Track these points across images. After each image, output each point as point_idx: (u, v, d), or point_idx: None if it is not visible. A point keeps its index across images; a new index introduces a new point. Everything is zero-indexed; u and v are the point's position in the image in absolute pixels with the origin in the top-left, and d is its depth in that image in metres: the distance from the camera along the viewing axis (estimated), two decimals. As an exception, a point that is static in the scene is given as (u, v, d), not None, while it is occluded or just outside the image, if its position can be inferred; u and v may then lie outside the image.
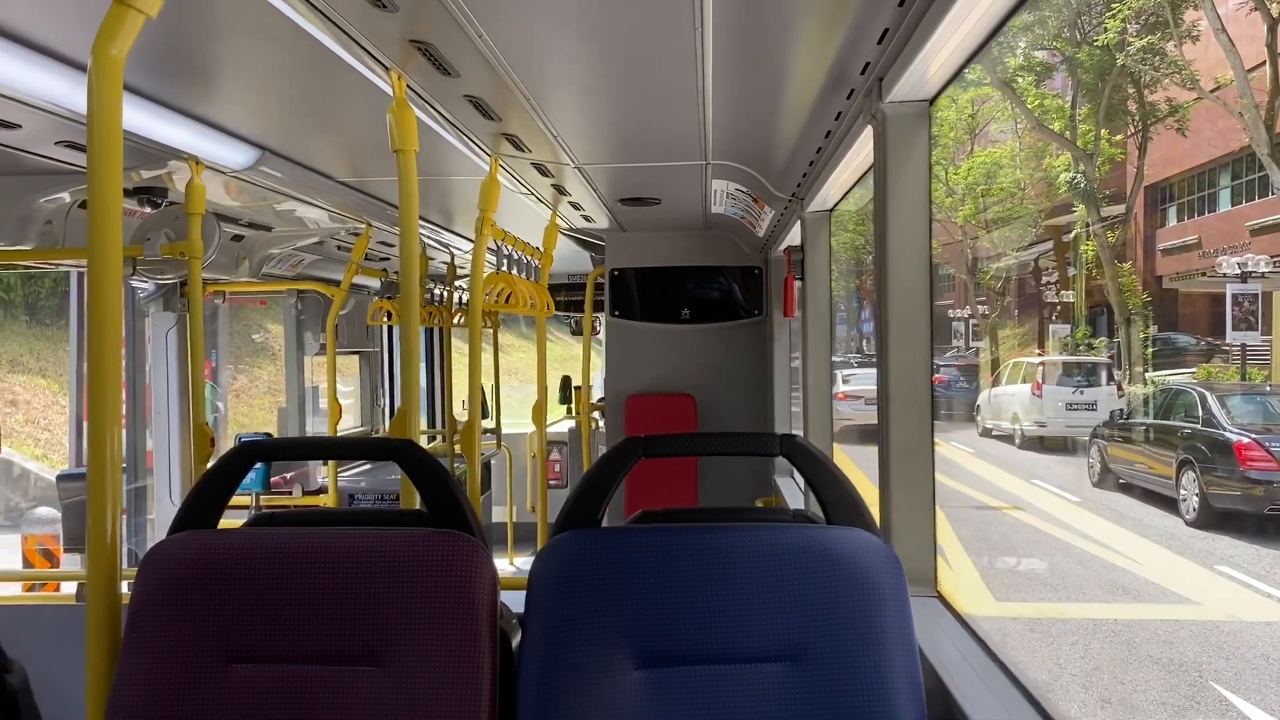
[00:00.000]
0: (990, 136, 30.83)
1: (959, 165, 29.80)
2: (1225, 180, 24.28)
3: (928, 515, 2.42)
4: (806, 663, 1.70)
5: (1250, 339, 20.15)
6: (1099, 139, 24.86)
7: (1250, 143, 20.10)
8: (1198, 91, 22.30)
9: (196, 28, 2.21)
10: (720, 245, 5.82)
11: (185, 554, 1.81)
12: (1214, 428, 13.10)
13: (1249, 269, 20.49)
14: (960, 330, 31.93)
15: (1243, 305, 20.37)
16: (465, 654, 1.72)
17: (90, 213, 1.72)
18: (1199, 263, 24.28)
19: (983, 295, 31.11)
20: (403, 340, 2.63)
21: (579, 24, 2.19)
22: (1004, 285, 30.66)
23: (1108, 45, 23.22)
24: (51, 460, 14.69)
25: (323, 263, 5.88)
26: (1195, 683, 7.95)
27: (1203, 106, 23.03)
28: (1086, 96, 25.01)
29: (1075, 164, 25.19)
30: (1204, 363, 22.19)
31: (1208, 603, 9.71)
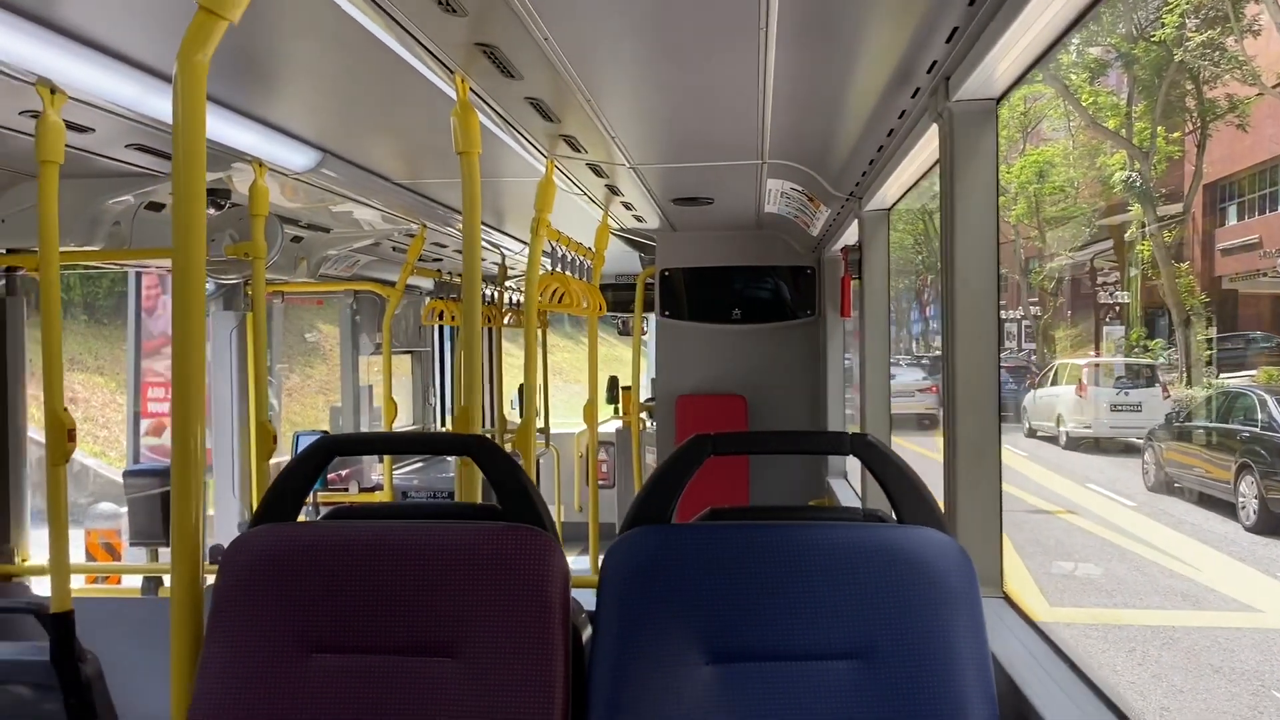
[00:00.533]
0: (1042, 134, 30.39)
1: (1011, 164, 29.41)
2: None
3: (995, 516, 2.39)
4: (877, 661, 1.70)
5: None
6: (1155, 136, 24.38)
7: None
8: (1259, 87, 21.78)
9: (265, 32, 2.25)
10: (772, 245, 5.79)
11: (266, 546, 1.85)
12: (1275, 431, 12.76)
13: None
14: (1012, 331, 31.50)
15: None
16: (539, 646, 1.74)
17: (175, 214, 1.75)
18: (1260, 263, 23.71)
19: (1035, 296, 30.67)
20: (464, 340, 2.65)
21: (643, 25, 2.19)
22: (1057, 286, 30.21)
23: (1165, 40, 22.76)
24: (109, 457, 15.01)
25: (378, 263, 5.95)
26: (1257, 691, 7.77)
27: (1264, 102, 22.50)
28: (1143, 93, 24.55)
29: (1131, 162, 24.73)
30: (1269, 365, 21.52)
31: (1270, 610, 9.44)
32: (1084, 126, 26.52)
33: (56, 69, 2.34)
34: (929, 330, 35.14)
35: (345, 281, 5.96)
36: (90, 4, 2.09)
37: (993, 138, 2.37)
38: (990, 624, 2.14)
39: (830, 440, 1.93)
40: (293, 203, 4.25)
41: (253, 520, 1.95)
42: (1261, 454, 12.57)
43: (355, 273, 5.87)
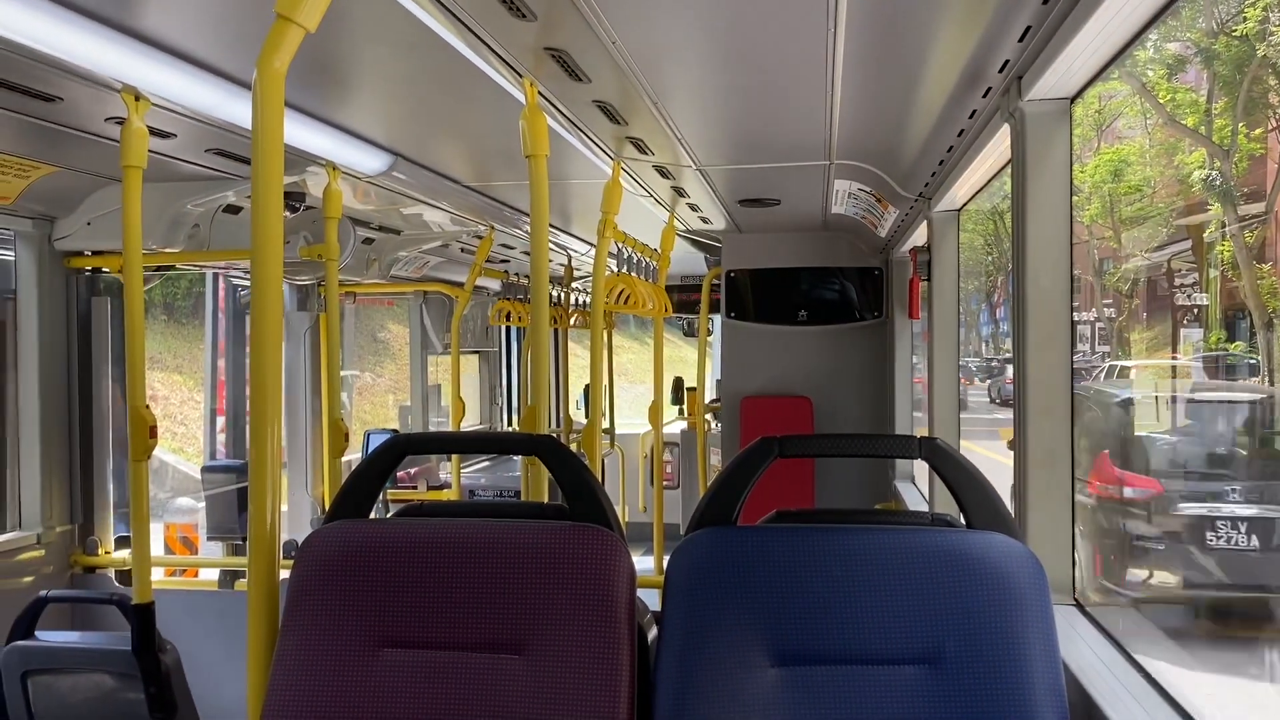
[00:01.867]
0: (1117, 133, 29.67)
1: (1085, 163, 28.75)
2: None
3: (1066, 522, 2.35)
4: (945, 667, 1.68)
5: None
6: (1236, 134, 23.65)
7: None
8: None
9: (339, 39, 2.30)
10: (838, 246, 5.75)
11: (341, 541, 1.89)
12: None
13: None
14: (1085, 334, 30.81)
15: None
16: (605, 645, 1.75)
17: (253, 219, 1.80)
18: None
19: (1109, 298, 29.93)
20: (533, 341, 2.68)
21: (711, 27, 2.19)
22: (1132, 288, 29.46)
23: (1247, 35, 22.06)
24: (187, 453, 15.42)
25: (446, 265, 6.03)
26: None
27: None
28: (1223, 89, 23.82)
29: (1210, 160, 24.02)
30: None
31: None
32: (1161, 124, 25.82)
33: (141, 77, 2.42)
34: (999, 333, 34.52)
35: (415, 283, 6.06)
36: (174, 14, 2.15)
37: (1066, 138, 2.33)
38: (1062, 632, 2.11)
39: (899, 444, 1.91)
40: (364, 205, 4.33)
41: (326, 516, 2.00)
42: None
43: (425, 274, 5.96)
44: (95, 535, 4.17)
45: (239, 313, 6.41)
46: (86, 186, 3.70)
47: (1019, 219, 2.36)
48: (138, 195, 2.71)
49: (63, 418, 4.07)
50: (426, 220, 4.85)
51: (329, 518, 1.99)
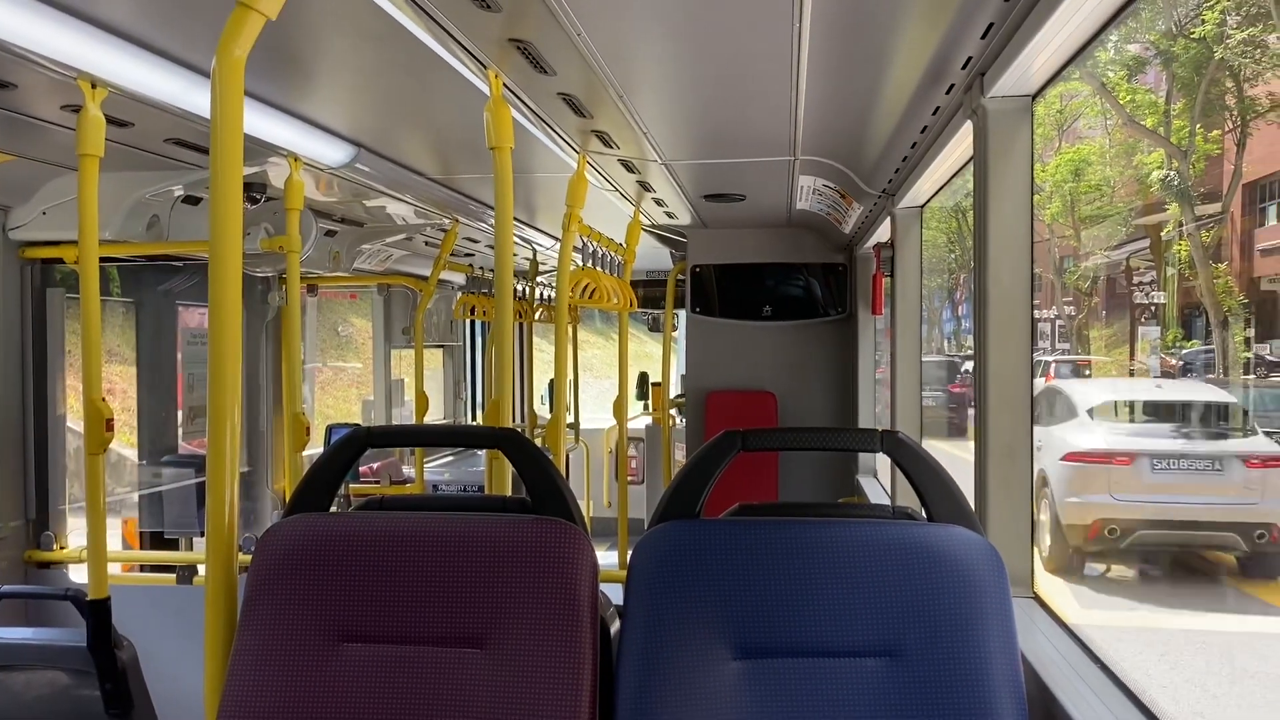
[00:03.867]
0: (1078, 133, 30.04)
1: (1046, 162, 29.09)
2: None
3: (1025, 515, 2.38)
4: (906, 659, 1.70)
5: None
6: (1194, 135, 24.04)
7: None
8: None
9: (301, 27, 2.27)
10: (803, 242, 5.77)
11: (299, 535, 1.88)
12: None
13: None
14: (1045, 331, 31.20)
15: None
16: (567, 638, 1.75)
17: (211, 209, 1.78)
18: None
19: (1069, 296, 30.33)
20: (495, 334, 2.67)
21: (677, 21, 2.19)
22: (1092, 285, 29.86)
23: (1205, 38, 22.43)
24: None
25: (410, 258, 5.98)
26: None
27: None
28: (1182, 91, 24.20)
29: (1169, 161, 24.41)
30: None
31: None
32: (1121, 125, 26.20)
33: (98, 64, 2.38)
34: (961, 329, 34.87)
35: (378, 276, 6.01)
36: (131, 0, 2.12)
37: (1028, 135, 2.35)
38: (1021, 624, 2.13)
39: (862, 437, 1.92)
40: (327, 197, 4.29)
41: (285, 510, 1.98)
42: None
43: (388, 267, 5.91)
44: (50, 530, 4.10)
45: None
46: (42, 175, 3.63)
47: (980, 216, 2.39)
48: (94, 185, 2.66)
49: (16, 411, 3.99)
50: (390, 213, 4.81)
51: (288, 511, 1.97)
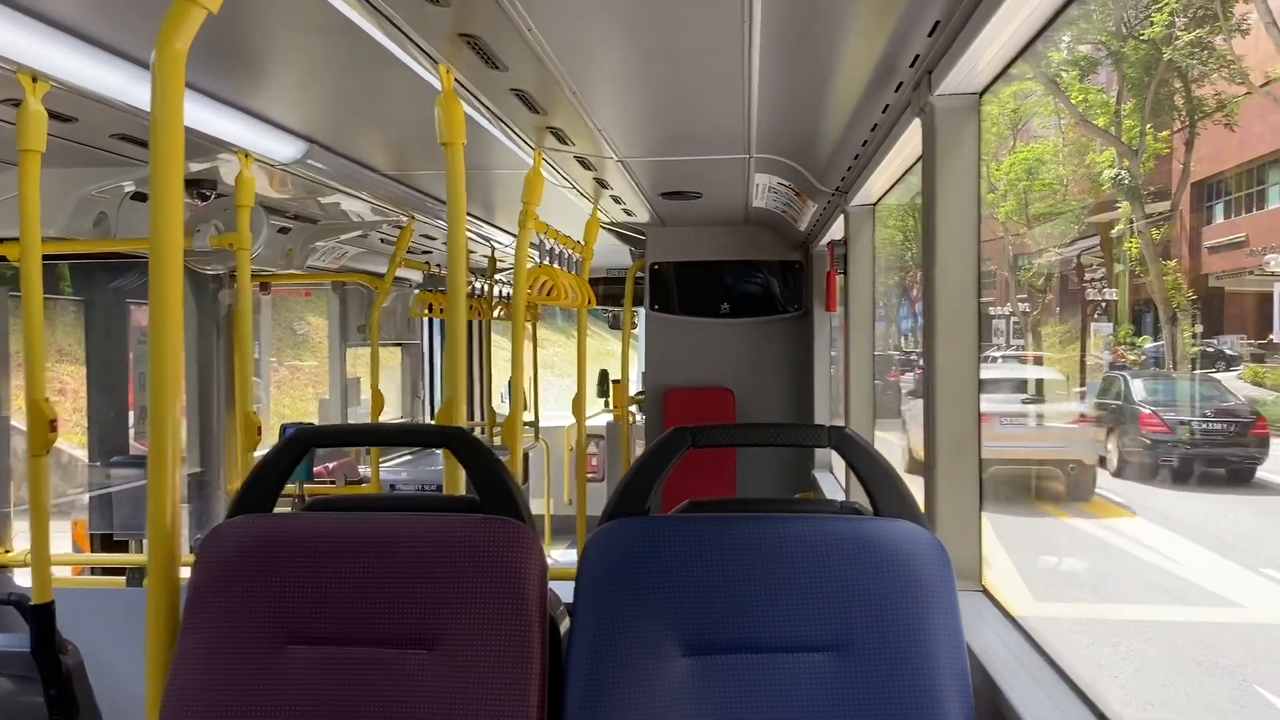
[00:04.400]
0: (1033, 132, 30.45)
1: (1001, 161, 29.46)
2: (1275, 177, 23.80)
3: (974, 509, 2.41)
4: (852, 653, 1.71)
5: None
6: (1144, 134, 24.49)
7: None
8: (1248, 86, 21.89)
9: (250, 22, 2.24)
10: (761, 239, 5.80)
11: (243, 537, 1.85)
12: (1130, 402, 16.93)
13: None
14: (1001, 328, 31.61)
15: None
16: (516, 638, 1.74)
17: (152, 205, 1.75)
18: (1247, 261, 23.84)
19: (1024, 292, 30.73)
20: (449, 334, 2.65)
21: (627, 18, 2.19)
22: (1046, 282, 30.30)
23: (1154, 39, 22.86)
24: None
25: (366, 255, 5.93)
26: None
27: (1252, 102, 22.60)
28: (1132, 91, 24.64)
29: (1120, 160, 24.84)
30: (1255, 361, 22.28)
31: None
32: (1074, 124, 26.62)
33: (38, 57, 2.33)
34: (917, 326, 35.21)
35: (333, 273, 5.95)
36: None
37: (974, 133, 2.38)
38: (968, 617, 2.16)
39: (810, 433, 1.94)
40: (280, 194, 4.24)
41: (229, 511, 1.96)
42: (1120, 420, 16.64)
43: (344, 264, 5.85)
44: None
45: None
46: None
47: (929, 212, 2.41)
48: (36, 180, 2.61)
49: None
50: (345, 209, 4.76)
51: (231, 513, 1.95)
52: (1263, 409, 17.30)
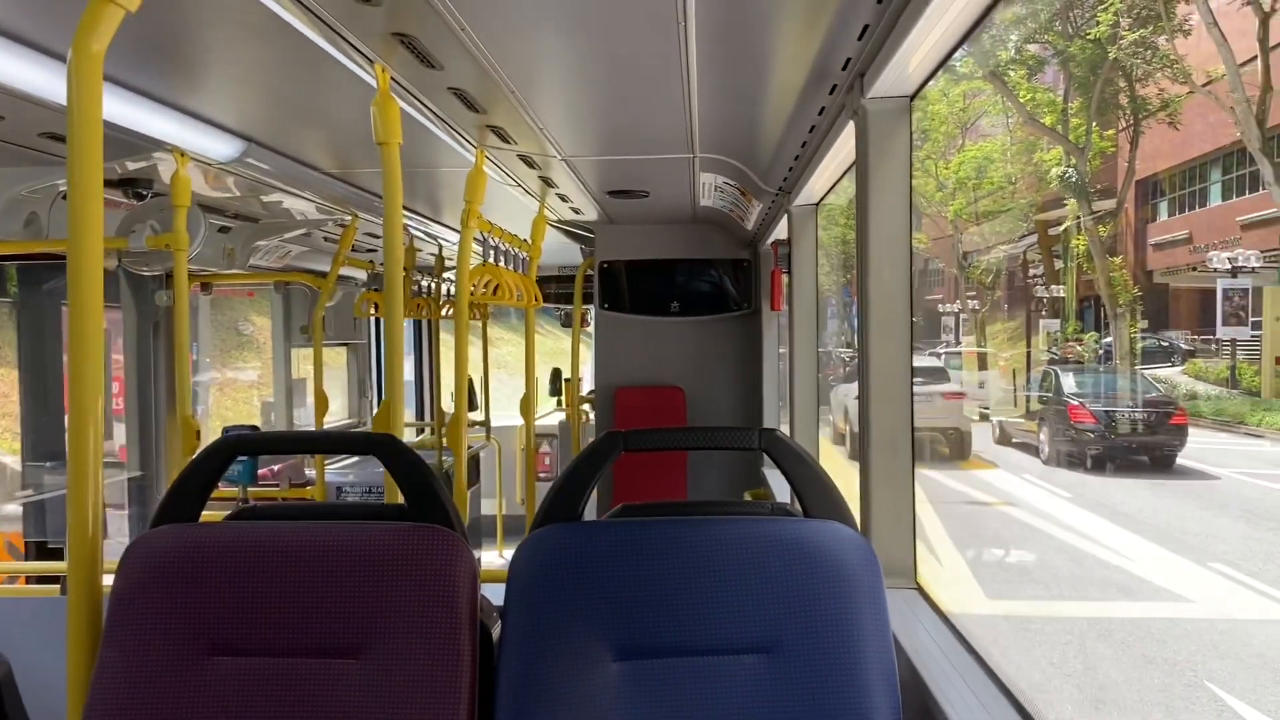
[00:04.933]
0: (981, 131, 30.86)
1: (949, 159, 29.82)
2: (1216, 175, 24.34)
3: (907, 508, 2.43)
4: (782, 655, 1.71)
5: (1241, 334, 20.61)
6: (1090, 132, 24.91)
7: (1241, 137, 20.20)
8: (1190, 85, 22.36)
9: (181, 20, 2.21)
10: (709, 238, 5.82)
11: (167, 547, 1.82)
12: (1061, 395, 18.62)
13: (1239, 264, 20.77)
14: (950, 325, 32.02)
15: (1233, 300, 20.72)
16: (445, 647, 1.73)
17: (70, 206, 1.72)
18: (1189, 257, 24.36)
19: (972, 289, 31.14)
20: (387, 334, 2.63)
21: (561, 18, 2.19)
22: (994, 279, 30.73)
23: (1100, 39, 23.28)
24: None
25: (310, 254, 5.86)
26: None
27: (1194, 101, 23.09)
28: (1078, 90, 25.06)
29: (1067, 157, 25.24)
30: (1192, 357, 22.85)
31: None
32: (1022, 123, 27.02)
33: None
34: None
35: (276, 273, 5.87)
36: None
37: (906, 135, 2.41)
38: (902, 615, 2.18)
39: (739, 436, 1.94)
40: (220, 193, 4.18)
41: (153, 520, 1.92)
42: (1051, 412, 18.43)
43: (288, 264, 5.78)
44: None
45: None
46: None
47: (862, 214, 2.43)
48: None
49: None
50: (287, 208, 4.70)
51: (154, 522, 1.91)
52: (1204, 404, 19.09)
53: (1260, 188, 21.43)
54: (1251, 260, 20.90)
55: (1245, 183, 22.91)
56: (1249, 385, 20.11)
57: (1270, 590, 10.30)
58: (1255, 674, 8.27)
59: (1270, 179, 19.40)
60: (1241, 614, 9.76)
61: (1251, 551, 11.71)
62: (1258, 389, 19.65)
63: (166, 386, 5.34)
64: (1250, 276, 20.85)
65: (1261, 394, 19.32)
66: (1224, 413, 19.02)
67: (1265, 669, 8.36)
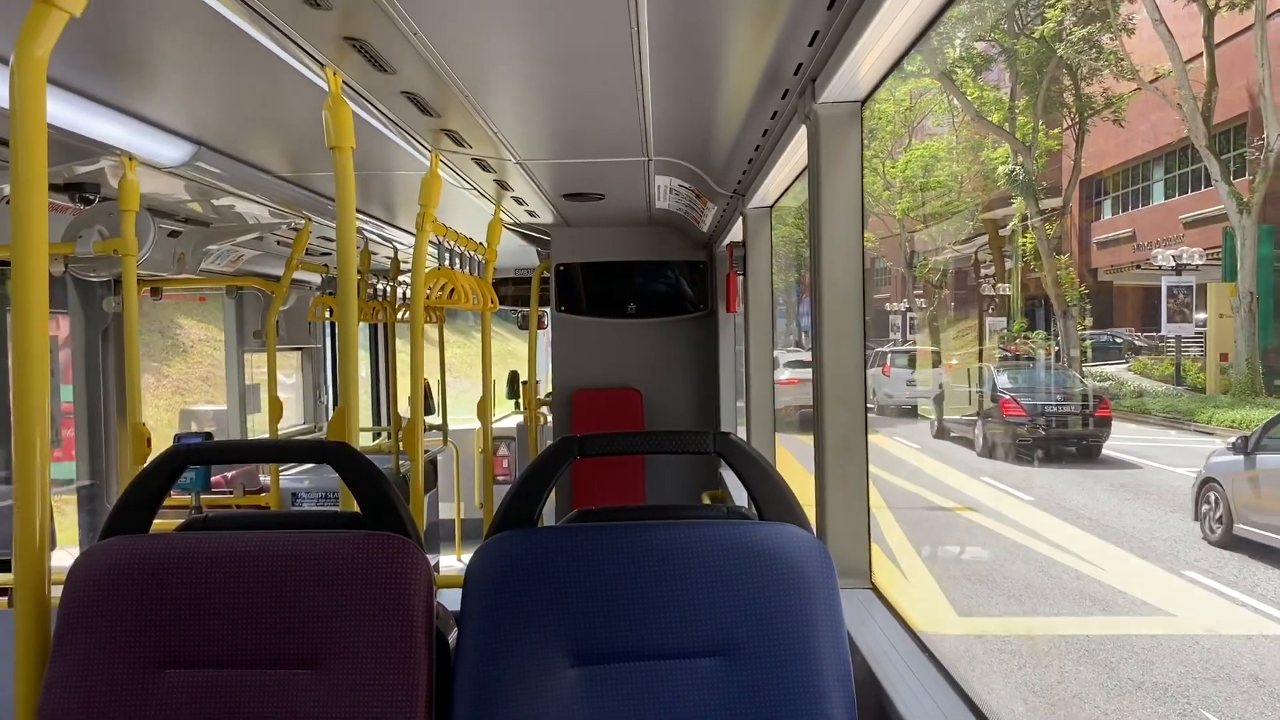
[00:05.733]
0: (928, 130, 31.20)
1: (896, 159, 30.11)
2: (1158, 174, 24.78)
3: (862, 509, 2.47)
4: (738, 657, 1.73)
5: (1185, 331, 20.98)
6: (1037, 131, 25.26)
7: (1188, 134, 20.53)
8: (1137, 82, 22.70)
9: (128, 23, 2.18)
10: (665, 240, 5.84)
11: (116, 559, 1.79)
12: (995, 391, 19.52)
13: (1183, 262, 21.12)
14: (897, 324, 32.34)
15: (1177, 298, 21.08)
16: (401, 655, 1.73)
17: (13, 211, 1.69)
18: (1133, 255, 24.79)
19: (920, 288, 31.47)
20: (340, 339, 2.61)
21: (513, 22, 2.19)
22: (941, 279, 31.09)
23: (1045, 36, 23.63)
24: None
25: (263, 258, 5.79)
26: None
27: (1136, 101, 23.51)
28: (1025, 88, 25.43)
29: (1014, 156, 25.57)
30: (1136, 355, 23.29)
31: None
32: (968, 121, 27.36)
33: None
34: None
35: (228, 277, 5.79)
36: None
37: (857, 139, 2.44)
38: (858, 615, 2.21)
39: (694, 439, 1.95)
40: (171, 196, 4.12)
41: (103, 532, 1.89)
42: (986, 407, 19.47)
43: (240, 268, 5.71)
44: None
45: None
46: None
47: (814, 217, 2.46)
48: None
49: None
50: (240, 212, 4.65)
51: (104, 534, 1.88)
52: (1151, 401, 19.87)
53: (1202, 186, 21.87)
54: (1195, 258, 21.28)
55: (1187, 181, 23.36)
56: (1194, 382, 20.52)
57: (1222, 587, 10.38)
58: (1252, 699, 7.87)
59: (1218, 175, 19.63)
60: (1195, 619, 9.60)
61: (1155, 533, 12.33)
62: (1203, 385, 20.05)
63: (117, 393, 5.25)
64: (1194, 274, 21.24)
65: (1207, 390, 19.74)
66: (1173, 409, 19.46)
67: (1261, 692, 7.97)
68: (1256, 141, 19.01)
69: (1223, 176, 19.47)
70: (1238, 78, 19.56)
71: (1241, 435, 12.34)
